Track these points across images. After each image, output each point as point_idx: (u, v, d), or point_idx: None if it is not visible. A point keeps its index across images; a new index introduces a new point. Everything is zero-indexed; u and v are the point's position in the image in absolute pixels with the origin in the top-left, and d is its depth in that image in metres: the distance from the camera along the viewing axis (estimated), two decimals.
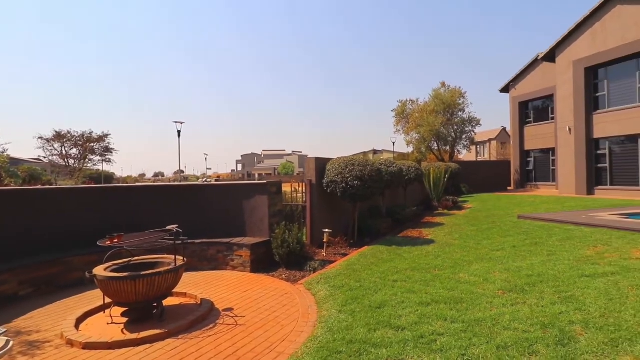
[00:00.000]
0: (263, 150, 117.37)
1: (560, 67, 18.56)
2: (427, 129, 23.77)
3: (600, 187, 16.90)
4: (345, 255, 6.69)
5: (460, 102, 25.22)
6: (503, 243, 7.17)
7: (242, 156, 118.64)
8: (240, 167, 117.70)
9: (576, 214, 9.85)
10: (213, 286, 5.24)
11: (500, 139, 45.89)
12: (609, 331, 3.42)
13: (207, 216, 6.68)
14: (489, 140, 48.44)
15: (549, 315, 3.82)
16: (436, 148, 26.20)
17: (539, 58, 20.50)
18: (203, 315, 4.06)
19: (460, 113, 25.42)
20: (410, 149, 28.20)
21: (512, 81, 23.93)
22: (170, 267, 4.02)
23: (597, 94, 17.37)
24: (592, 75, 17.48)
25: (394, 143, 35.61)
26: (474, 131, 25.98)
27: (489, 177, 22.70)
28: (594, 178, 17.18)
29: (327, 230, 6.80)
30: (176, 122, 30.71)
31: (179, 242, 4.18)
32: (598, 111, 17.16)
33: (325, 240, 6.76)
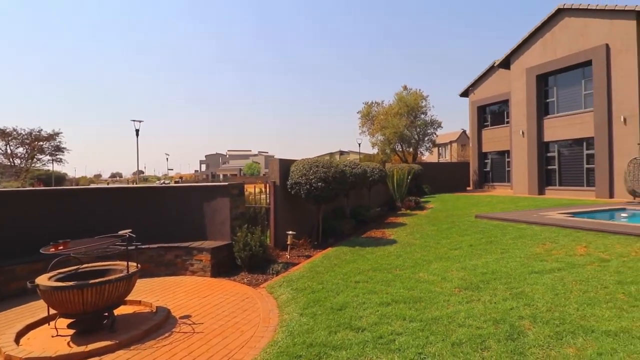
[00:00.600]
0: (228, 151, 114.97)
1: (515, 74, 19.59)
2: (392, 131, 24.38)
3: (550, 187, 18.01)
4: (309, 257, 6.68)
5: (423, 105, 26.06)
6: (461, 242, 7.44)
7: (206, 156, 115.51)
8: (204, 167, 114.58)
9: (528, 213, 10.42)
10: (170, 292, 5.04)
11: (460, 141, 47.83)
12: (554, 324, 3.62)
13: (165, 219, 6.43)
14: (450, 142, 50.36)
15: (501, 311, 3.99)
16: (400, 149, 26.90)
17: (495, 65, 21.54)
18: (158, 323, 3.89)
19: (422, 116, 26.26)
20: (375, 151, 28.80)
21: (471, 86, 24.98)
22: (122, 274, 3.82)
23: (548, 100, 18.51)
24: (543, 82, 18.60)
25: (359, 144, 36.16)
26: (435, 133, 26.92)
27: (449, 178, 23.60)
28: (545, 179, 18.28)
29: (290, 232, 6.76)
30: (134, 121, 29.45)
31: (132, 247, 3.98)
32: (548, 116, 18.28)
33: (288, 242, 6.72)
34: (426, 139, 26.44)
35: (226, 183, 6.37)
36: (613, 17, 15.34)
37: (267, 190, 7.49)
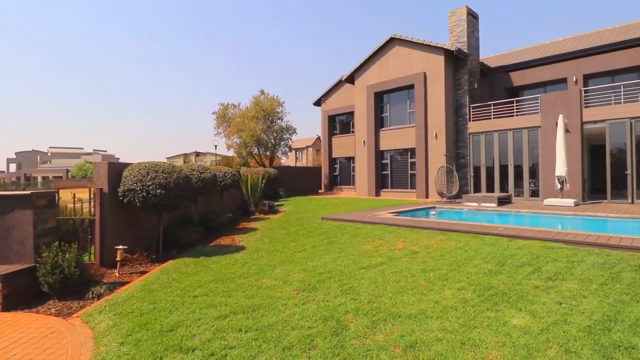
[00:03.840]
0: (50, 147, 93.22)
1: (358, 90, 22.09)
2: (248, 134, 24.39)
3: (384, 189, 20.92)
4: (144, 273, 5.98)
5: (279, 110, 26.94)
6: (305, 244, 7.85)
7: (17, 154, 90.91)
8: (13, 167, 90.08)
9: (365, 213, 11.77)
10: None
11: (315, 146, 51.32)
12: (372, 314, 4.10)
13: None
14: (306, 147, 53.55)
15: (331, 308, 4.32)
16: (257, 153, 27.15)
17: (342, 79, 23.85)
18: None
19: (279, 121, 27.12)
20: (231, 153, 28.29)
21: (323, 96, 27.04)
22: None
23: (383, 115, 21.47)
24: (380, 98, 21.51)
25: (216, 146, 34.63)
26: (291, 139, 28.16)
27: (304, 181, 25.01)
28: (381, 182, 21.14)
29: (121, 247, 5.93)
30: None
31: None
32: (383, 128, 21.20)
33: (118, 258, 5.87)
34: (282, 143, 27.41)
35: (29, 192, 5.15)
36: (428, 51, 18.83)
37: (92, 198, 6.41)
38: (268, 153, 27.26)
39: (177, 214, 8.72)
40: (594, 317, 3.74)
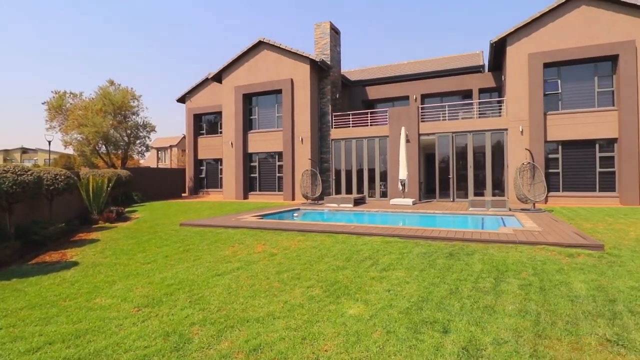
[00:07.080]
0: None
1: (226, 89, 21.49)
2: (93, 130, 20.99)
3: (252, 192, 20.85)
4: None
5: (134, 104, 24.09)
6: (157, 254, 7.17)
7: None
8: None
9: (228, 217, 11.47)
10: None
11: (181, 146, 47.78)
12: (219, 323, 3.96)
13: None
14: (170, 147, 49.48)
15: (175, 322, 4.01)
16: (105, 152, 23.63)
17: (209, 77, 22.85)
18: None
19: (134, 117, 24.25)
20: (70, 151, 24.02)
21: (188, 93, 25.38)
22: None
23: (252, 117, 21.40)
24: (249, 100, 21.37)
25: (49, 142, 28.55)
26: (149, 137, 25.50)
27: (165, 184, 23.00)
28: (249, 185, 21.01)
29: None
30: None
31: None
32: (252, 131, 21.13)
33: None
34: (138, 142, 24.58)
35: None
36: (296, 59, 19.58)
37: None
38: (120, 152, 24.06)
39: None
40: (412, 299, 4.41)
